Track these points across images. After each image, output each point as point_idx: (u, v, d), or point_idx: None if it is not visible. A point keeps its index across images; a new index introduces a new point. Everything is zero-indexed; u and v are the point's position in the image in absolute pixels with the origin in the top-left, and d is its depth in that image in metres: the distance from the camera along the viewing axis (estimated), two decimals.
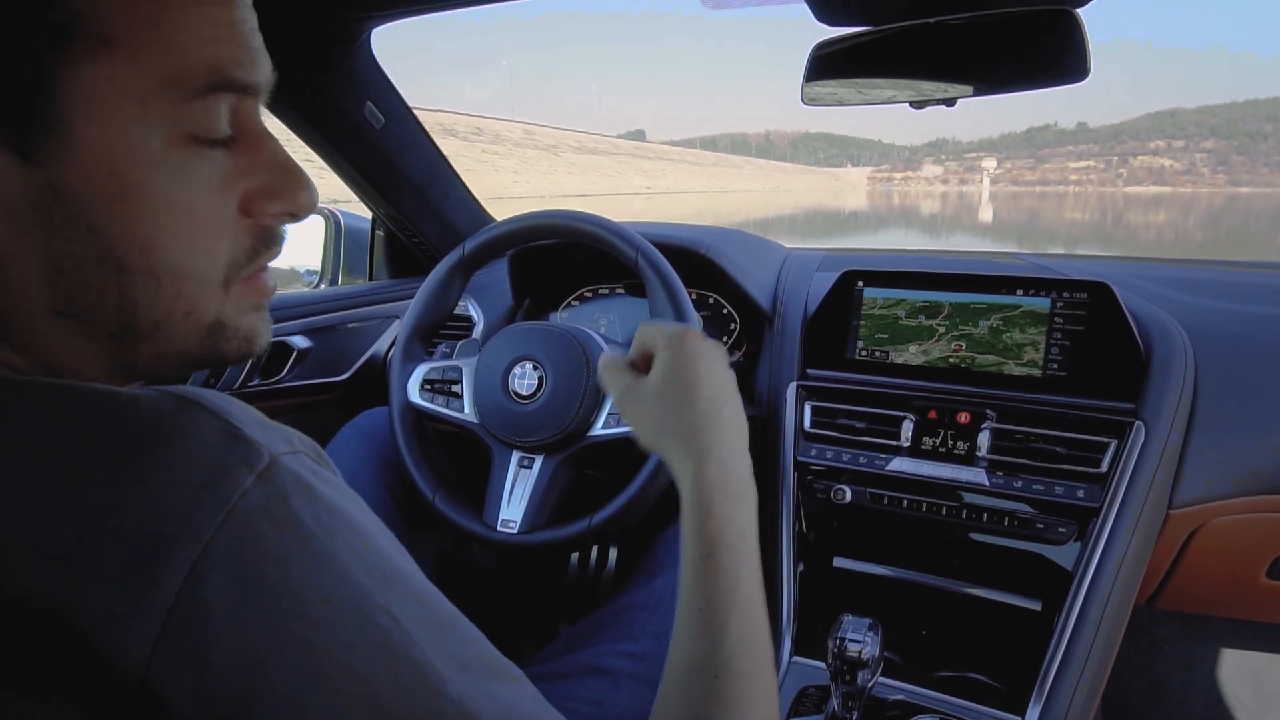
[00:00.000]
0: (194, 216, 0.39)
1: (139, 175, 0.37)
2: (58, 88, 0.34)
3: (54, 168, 0.35)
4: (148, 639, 0.31)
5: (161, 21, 0.36)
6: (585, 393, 1.04)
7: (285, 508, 0.34)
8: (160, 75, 0.36)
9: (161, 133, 0.37)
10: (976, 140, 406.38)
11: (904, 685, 0.95)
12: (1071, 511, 0.97)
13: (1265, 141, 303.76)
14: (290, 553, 0.33)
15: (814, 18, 0.90)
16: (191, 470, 0.33)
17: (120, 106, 0.36)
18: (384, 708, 0.33)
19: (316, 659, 0.33)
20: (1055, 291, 1.04)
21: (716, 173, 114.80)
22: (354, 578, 0.35)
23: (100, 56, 0.35)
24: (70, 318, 0.38)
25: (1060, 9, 0.79)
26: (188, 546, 0.32)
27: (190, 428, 0.34)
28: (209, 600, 0.32)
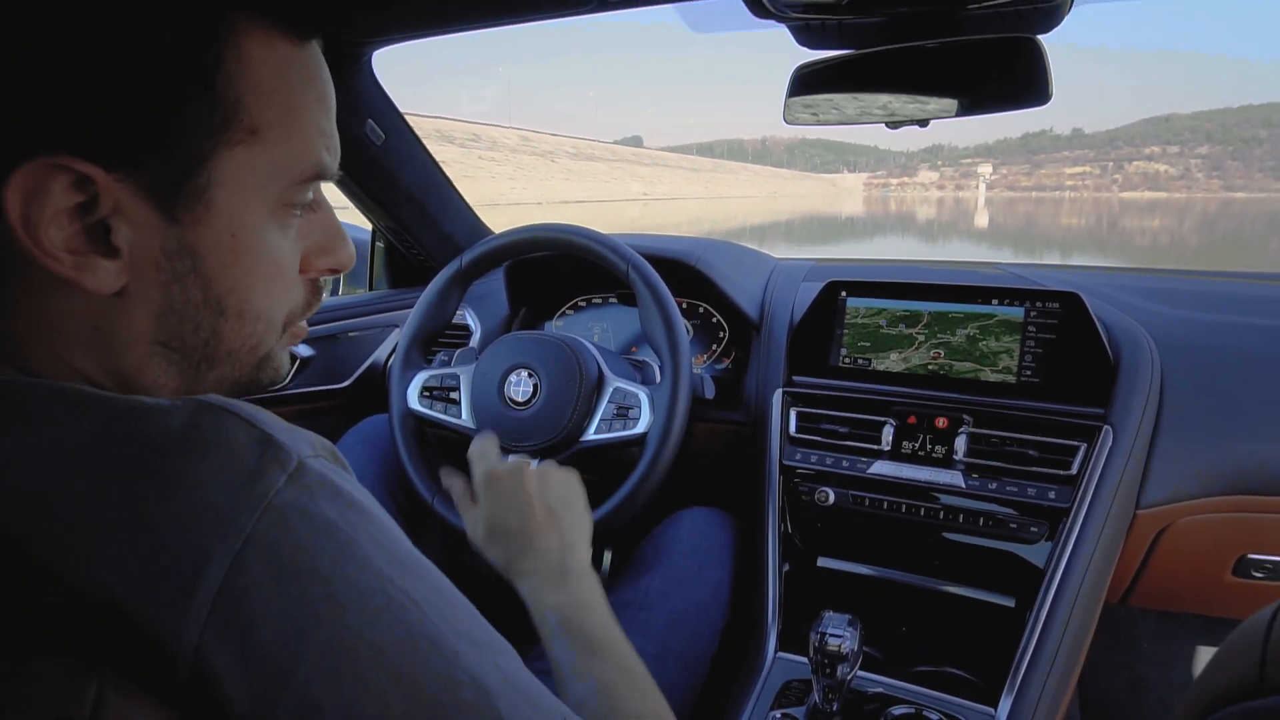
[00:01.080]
0: (280, 271, 0.48)
1: (249, 237, 0.45)
2: (212, 166, 0.42)
3: (191, 228, 0.43)
4: (198, 623, 0.35)
5: (294, 122, 0.45)
6: (578, 399, 1.08)
7: (314, 504, 0.38)
8: (283, 162, 0.45)
9: (270, 205, 0.46)
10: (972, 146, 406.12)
11: (884, 679, 0.99)
12: (1043, 512, 1.01)
13: (1260, 147, 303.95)
14: (320, 544, 0.38)
15: (795, 42, 0.95)
16: (232, 471, 0.37)
17: (251, 184, 0.44)
18: (406, 678, 0.38)
19: (346, 637, 0.37)
20: (1029, 301, 1.09)
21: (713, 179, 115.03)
22: (375, 565, 0.39)
23: (248, 143, 0.43)
24: (165, 346, 0.45)
25: (1024, 36, 0.83)
26: (231, 540, 0.36)
27: (228, 433, 0.38)
28: (250, 587, 0.36)
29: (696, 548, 1.09)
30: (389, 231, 1.55)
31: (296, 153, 0.45)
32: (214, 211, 0.43)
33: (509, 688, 0.42)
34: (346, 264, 0.53)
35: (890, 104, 0.94)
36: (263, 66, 0.43)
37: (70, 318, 0.43)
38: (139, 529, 0.36)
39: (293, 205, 0.47)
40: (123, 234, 0.41)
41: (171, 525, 0.36)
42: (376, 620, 0.38)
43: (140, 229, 0.42)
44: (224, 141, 0.42)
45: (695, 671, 1.00)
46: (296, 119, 0.45)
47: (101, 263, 0.41)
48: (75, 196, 0.40)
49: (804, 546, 1.15)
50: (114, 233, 0.41)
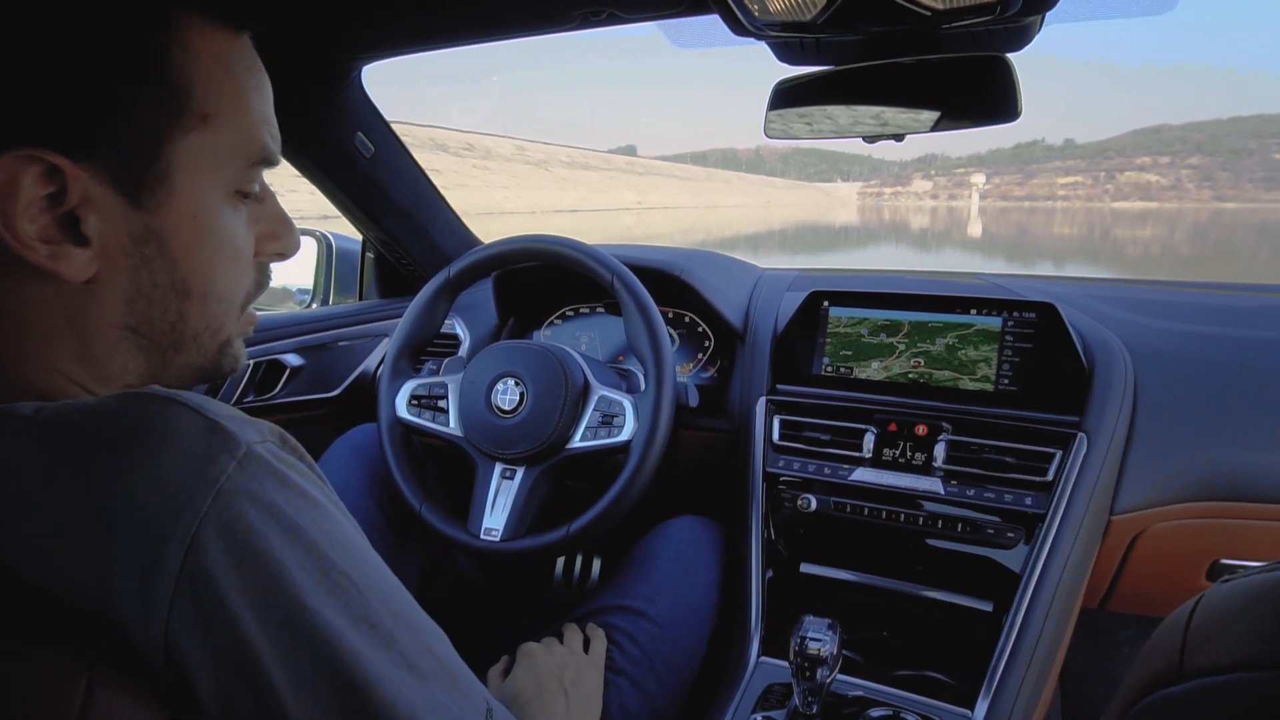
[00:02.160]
0: (237, 254, 0.51)
1: (210, 219, 0.48)
2: (168, 151, 0.45)
3: (154, 213, 0.46)
4: (162, 609, 0.37)
5: (240, 108, 0.48)
6: (564, 407, 1.10)
7: (262, 489, 0.40)
8: (234, 145, 0.48)
9: (225, 189, 0.49)
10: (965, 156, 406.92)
11: (863, 682, 1.01)
12: (1020, 518, 1.03)
13: (1250, 157, 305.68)
14: (269, 528, 0.40)
15: (775, 58, 0.97)
16: (183, 458, 0.39)
17: (207, 168, 0.47)
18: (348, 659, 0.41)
19: (299, 617, 0.40)
20: (1006, 311, 1.11)
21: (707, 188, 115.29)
22: (320, 549, 0.42)
23: (200, 129, 0.46)
24: (134, 332, 0.48)
25: (996, 55, 0.86)
26: (186, 523, 0.38)
27: (176, 422, 0.40)
28: (208, 569, 0.38)
29: (684, 555, 1.10)
30: (379, 242, 1.57)
31: (244, 137, 0.49)
32: (175, 196, 0.46)
33: (440, 670, 0.45)
34: (292, 249, 0.56)
35: (866, 119, 0.96)
36: (207, 57, 0.46)
37: (44, 312, 0.45)
38: (96, 524, 0.37)
39: (244, 192, 0.51)
40: (92, 223, 0.44)
41: (127, 517, 0.37)
42: (325, 602, 0.41)
43: (108, 217, 0.44)
44: (179, 128, 0.45)
45: (682, 677, 1.01)
46: (242, 105, 0.48)
47: (74, 251, 0.43)
48: (46, 187, 0.42)
49: (787, 552, 1.16)
50: (83, 222, 0.43)
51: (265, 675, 0.39)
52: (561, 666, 0.88)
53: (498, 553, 1.09)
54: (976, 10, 0.78)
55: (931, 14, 0.78)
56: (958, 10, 0.78)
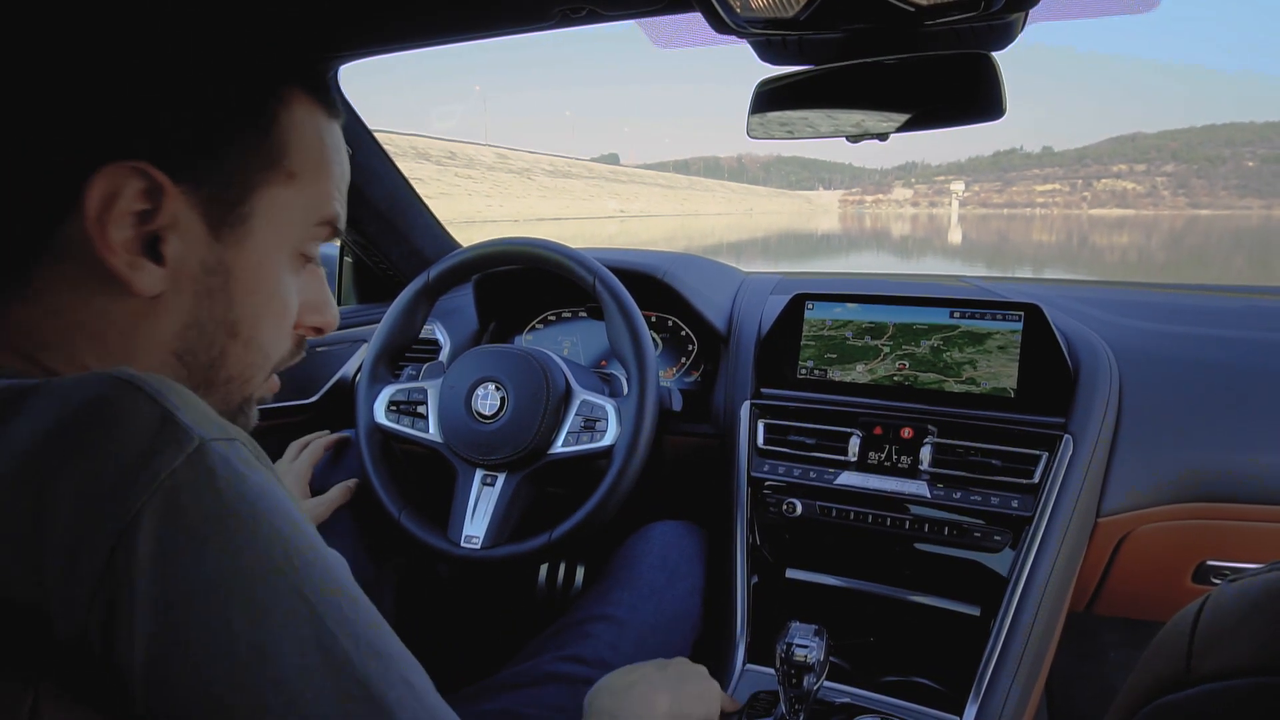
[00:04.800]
0: (285, 311, 0.54)
1: (272, 270, 0.52)
2: (254, 197, 0.50)
3: (229, 249, 0.49)
4: (80, 607, 0.35)
5: (321, 176, 0.53)
6: (545, 412, 1.08)
7: (211, 487, 0.38)
8: (308, 206, 0.53)
9: (291, 247, 0.53)
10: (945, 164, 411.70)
11: (851, 689, 0.99)
12: (1006, 520, 1.02)
13: (1223, 165, 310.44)
14: (211, 528, 0.37)
15: (756, 57, 0.96)
16: (127, 450, 0.36)
17: (282, 221, 0.52)
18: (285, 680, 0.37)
19: (227, 625, 0.36)
20: (991, 313, 1.11)
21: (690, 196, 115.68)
22: (269, 557, 0.38)
23: (285, 184, 0.51)
24: (178, 359, 0.50)
25: (979, 53, 0.85)
26: (117, 519, 0.35)
27: (128, 411, 0.38)
28: (135, 568, 0.35)
29: (666, 560, 1.09)
30: (356, 246, 1.55)
31: (319, 200, 0.54)
32: (250, 239, 0.50)
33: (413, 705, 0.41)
34: (330, 325, 0.60)
35: (850, 119, 0.95)
36: (305, 127, 0.52)
37: (102, 319, 0.47)
38: (33, 506, 0.35)
39: (305, 254, 0.55)
40: (172, 244, 0.47)
41: (62, 503, 0.35)
42: (263, 618, 0.37)
43: (188, 242, 0.48)
44: (268, 179, 0.50)
45: None
46: (324, 173, 0.54)
47: (150, 266, 0.46)
48: (141, 204, 0.45)
49: (772, 558, 1.15)
50: (165, 243, 0.47)
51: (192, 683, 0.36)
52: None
53: (478, 560, 1.07)
54: (959, 7, 0.77)
55: (914, 10, 0.78)
56: (940, 6, 0.77)
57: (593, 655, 0.93)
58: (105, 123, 0.45)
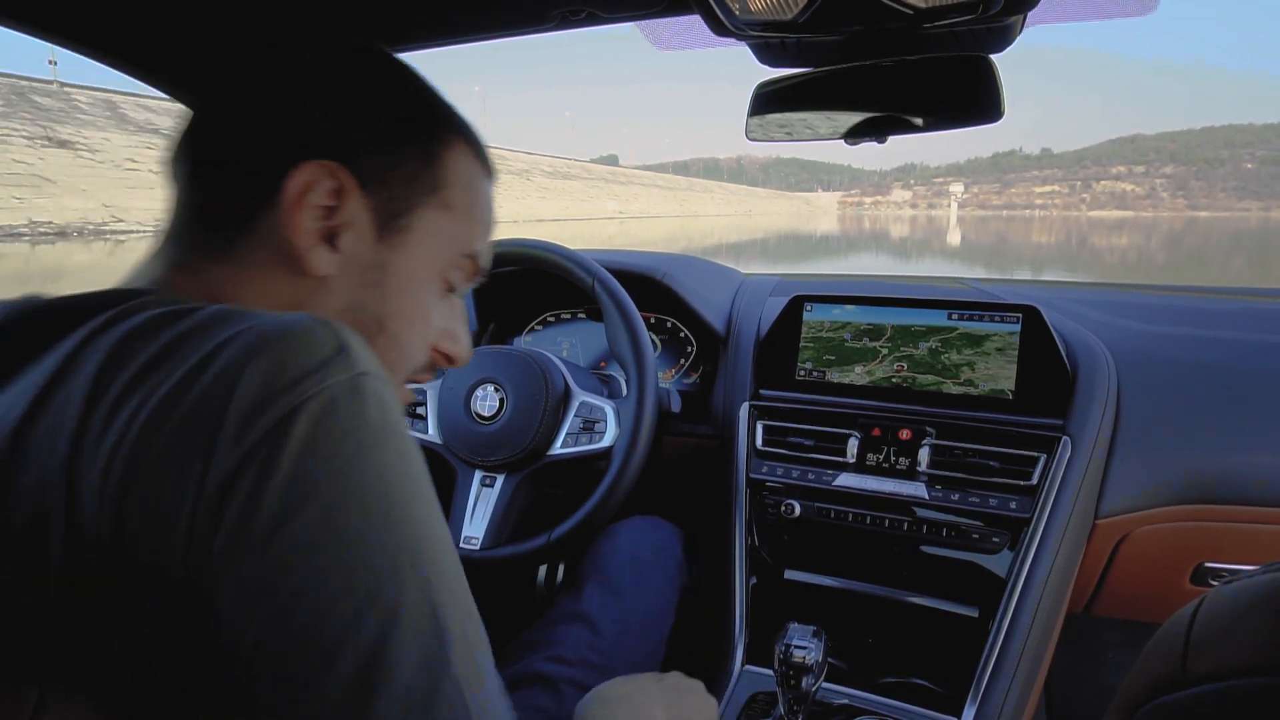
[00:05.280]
0: (426, 322, 0.62)
1: (420, 280, 0.60)
2: (416, 214, 0.58)
3: (389, 251, 0.58)
4: (229, 469, 0.39)
5: (471, 216, 0.62)
6: (544, 413, 1.08)
7: (361, 407, 0.43)
8: (456, 235, 0.61)
9: (438, 267, 0.61)
10: (944, 165, 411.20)
11: (849, 690, 1.00)
12: (1004, 522, 1.02)
13: (1222, 167, 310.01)
14: (352, 438, 0.42)
15: (755, 59, 0.96)
16: (306, 358, 0.42)
17: (435, 240, 0.60)
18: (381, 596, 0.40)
19: (331, 529, 0.40)
20: (989, 315, 1.11)
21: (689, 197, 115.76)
22: (392, 478, 0.43)
23: (441, 211, 0.60)
24: None
25: (978, 55, 0.85)
26: (282, 407, 0.40)
27: (316, 335, 0.44)
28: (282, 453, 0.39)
29: (635, 556, 1.08)
30: None
31: (466, 234, 0.62)
32: (407, 248, 0.58)
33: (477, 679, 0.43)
34: (460, 358, 0.67)
35: (849, 121, 0.95)
36: (465, 173, 0.62)
37: (278, 291, 0.55)
38: (228, 396, 0.40)
39: (449, 281, 0.63)
40: (346, 239, 0.55)
41: (247, 392, 0.40)
42: (370, 527, 0.41)
43: (359, 239, 0.56)
44: (429, 203, 0.59)
45: None
46: (473, 214, 0.63)
47: (325, 252, 0.55)
48: (328, 200, 0.54)
49: (771, 559, 1.15)
50: (340, 238, 0.55)
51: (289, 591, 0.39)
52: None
53: (478, 561, 1.08)
54: (958, 9, 0.77)
55: (913, 13, 0.78)
56: (939, 9, 0.77)
57: (573, 655, 0.93)
58: (310, 130, 0.55)
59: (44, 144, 25.72)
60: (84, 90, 29.92)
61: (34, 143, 25.43)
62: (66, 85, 29.48)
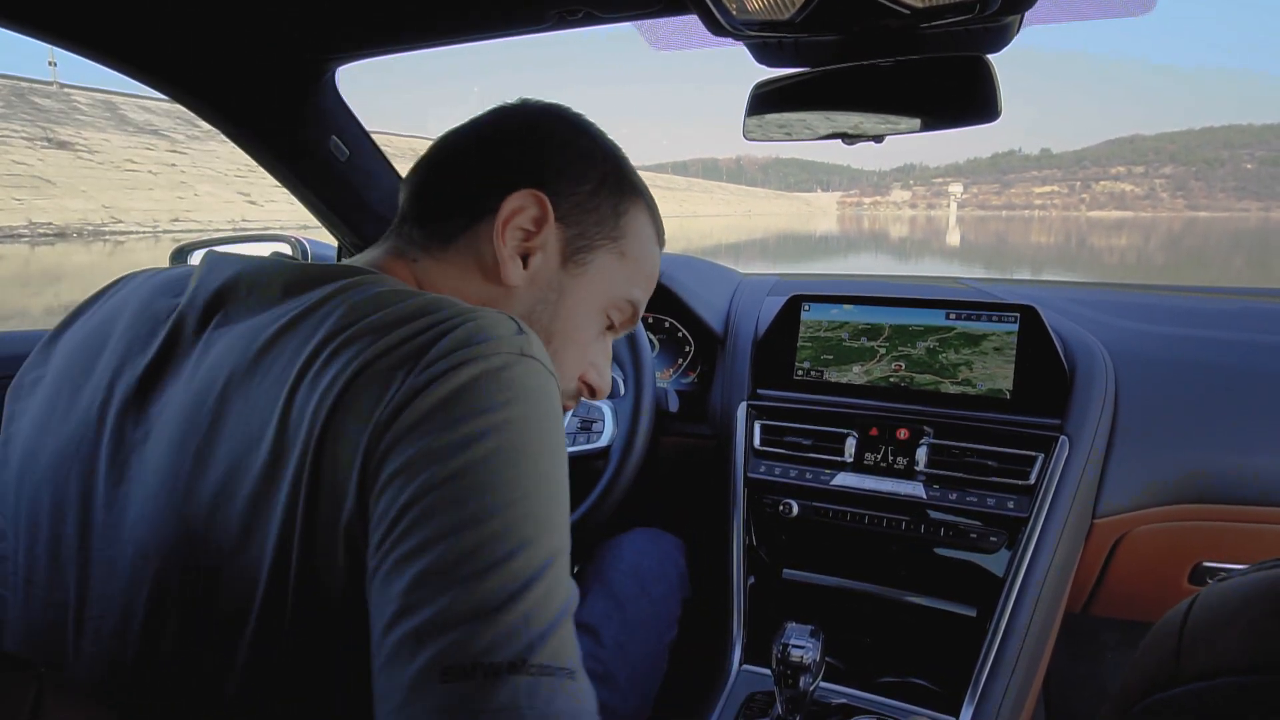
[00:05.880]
0: (582, 348, 0.71)
1: (586, 308, 0.70)
2: (596, 254, 0.68)
3: (569, 278, 0.68)
4: (418, 380, 0.46)
5: (638, 268, 0.72)
6: None
7: (522, 375, 0.49)
8: (624, 279, 0.71)
9: (603, 304, 0.71)
10: (943, 165, 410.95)
11: (847, 690, 1.00)
12: (1002, 521, 1.02)
13: (1221, 167, 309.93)
14: (508, 391, 0.48)
15: (753, 60, 0.97)
16: (486, 330, 0.50)
17: (606, 279, 0.70)
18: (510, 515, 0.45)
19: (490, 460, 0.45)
20: (987, 314, 1.11)
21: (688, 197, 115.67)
22: (536, 437, 0.48)
23: (616, 256, 0.70)
24: None
25: (975, 55, 0.85)
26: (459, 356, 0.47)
27: (502, 317, 0.52)
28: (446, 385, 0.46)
29: (639, 567, 1.08)
30: (354, 248, 1.55)
31: (633, 281, 0.72)
32: (584, 279, 0.68)
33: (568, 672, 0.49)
34: (600, 390, 0.75)
35: (847, 120, 0.95)
36: (641, 230, 0.72)
37: (472, 291, 0.64)
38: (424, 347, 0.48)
39: (610, 320, 0.72)
40: (536, 259, 0.66)
41: (439, 344, 0.48)
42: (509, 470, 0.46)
43: (547, 261, 0.66)
44: (608, 248, 0.69)
45: (644, 691, 1.00)
46: (640, 267, 0.72)
47: (519, 266, 0.65)
48: (530, 225, 0.64)
49: (769, 558, 1.15)
50: (532, 257, 0.65)
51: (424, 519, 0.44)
52: None
53: None
54: (955, 9, 0.77)
55: (910, 13, 0.78)
56: (937, 9, 0.77)
57: None
58: (529, 169, 0.65)
59: (44, 145, 25.72)
60: (83, 91, 29.93)
61: (34, 144, 25.44)
62: (66, 86, 29.48)
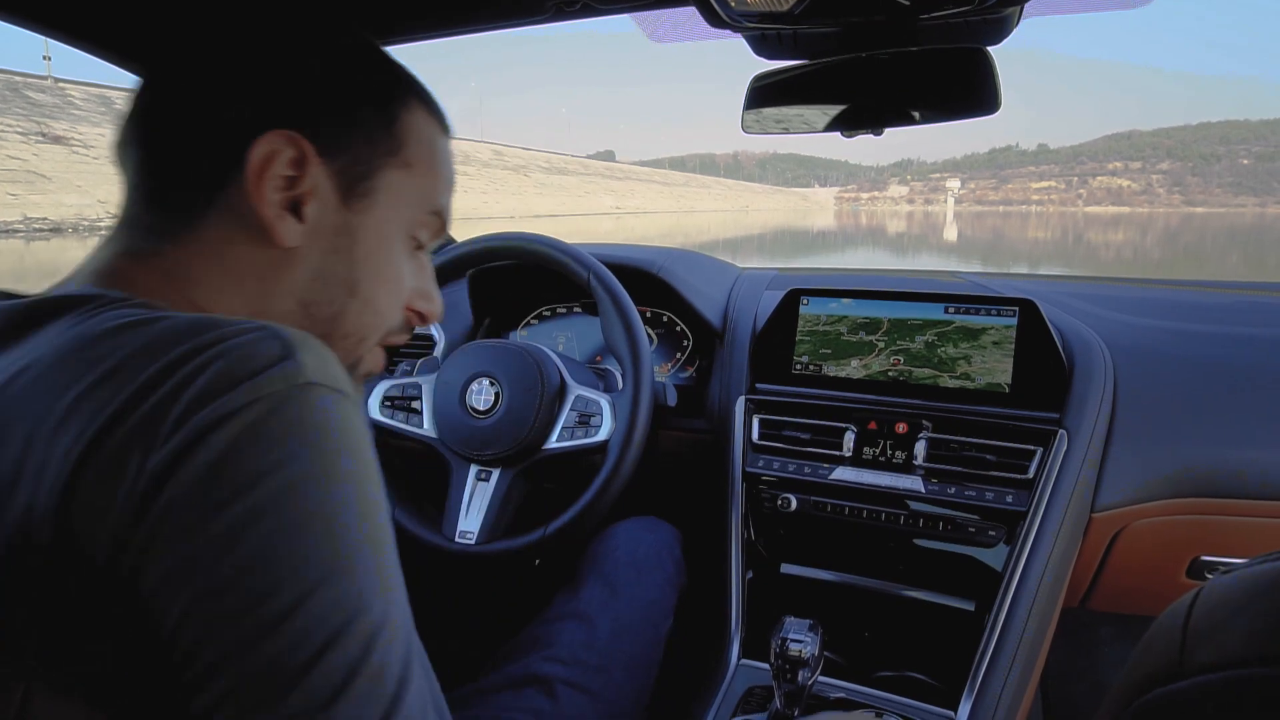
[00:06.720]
0: (398, 282, 0.63)
1: (389, 241, 0.61)
2: (378, 175, 0.59)
3: (355, 216, 0.58)
4: (164, 462, 0.38)
5: (432, 173, 0.63)
6: (540, 407, 1.08)
7: (299, 413, 0.42)
8: (420, 194, 0.62)
9: (405, 227, 0.62)
10: (941, 161, 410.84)
11: (845, 684, 0.99)
12: (1001, 516, 1.02)
13: (1218, 163, 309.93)
14: (286, 441, 0.41)
15: (752, 52, 0.96)
16: (244, 367, 0.41)
17: (399, 200, 0.60)
18: (309, 607, 0.39)
19: (257, 527, 0.39)
20: (986, 308, 1.11)
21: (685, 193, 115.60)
22: (328, 481, 0.42)
23: (403, 171, 0.60)
24: (304, 307, 0.58)
25: (974, 47, 0.85)
26: (217, 411, 0.39)
27: (261, 344, 0.43)
28: (210, 450, 0.39)
29: (635, 556, 1.08)
30: None
31: (429, 192, 0.63)
32: (373, 209, 0.59)
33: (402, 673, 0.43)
34: (434, 315, 0.68)
35: (845, 113, 0.95)
36: (422, 131, 0.62)
37: (246, 264, 0.55)
38: (166, 404, 0.40)
39: (417, 239, 0.64)
40: (311, 207, 0.55)
41: (182, 399, 0.40)
42: (299, 530, 0.40)
43: (323, 207, 0.56)
44: (390, 164, 0.59)
45: (640, 681, 0.99)
46: (434, 171, 0.63)
47: (292, 221, 0.55)
48: (291, 170, 0.54)
49: (767, 553, 1.15)
50: (304, 205, 0.55)
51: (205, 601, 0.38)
52: None
53: (474, 555, 1.07)
54: (954, 0, 0.77)
55: (909, 4, 0.78)
56: (936, 0, 0.77)
57: (568, 655, 0.93)
58: (270, 100, 0.54)
59: (39, 140, 25.64)
60: (78, 86, 29.83)
61: (28, 139, 25.36)
62: (61, 81, 29.38)
